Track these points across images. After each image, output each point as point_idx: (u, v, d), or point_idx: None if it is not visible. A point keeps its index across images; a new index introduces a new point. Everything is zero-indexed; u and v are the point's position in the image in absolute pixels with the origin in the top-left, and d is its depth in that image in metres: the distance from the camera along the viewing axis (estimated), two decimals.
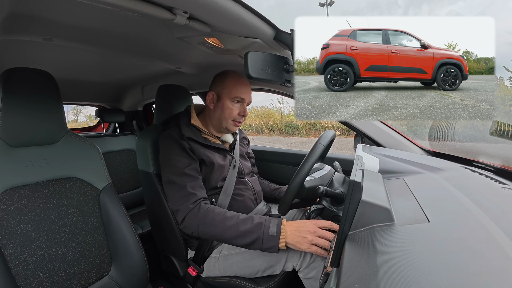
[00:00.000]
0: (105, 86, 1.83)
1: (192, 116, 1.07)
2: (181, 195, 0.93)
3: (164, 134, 1.03)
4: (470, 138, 0.95)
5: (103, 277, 0.90)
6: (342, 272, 0.41)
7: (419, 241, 0.42)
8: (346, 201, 0.52)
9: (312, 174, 0.83)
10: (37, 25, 0.78)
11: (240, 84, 1.03)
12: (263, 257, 0.90)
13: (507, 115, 0.87)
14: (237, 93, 1.02)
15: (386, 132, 1.12)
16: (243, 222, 0.84)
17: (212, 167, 1.02)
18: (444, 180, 0.71)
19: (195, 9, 0.61)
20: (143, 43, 0.98)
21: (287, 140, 8.59)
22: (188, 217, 0.90)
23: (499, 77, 1.47)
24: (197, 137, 1.02)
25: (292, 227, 0.81)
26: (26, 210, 0.78)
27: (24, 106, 0.78)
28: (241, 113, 1.05)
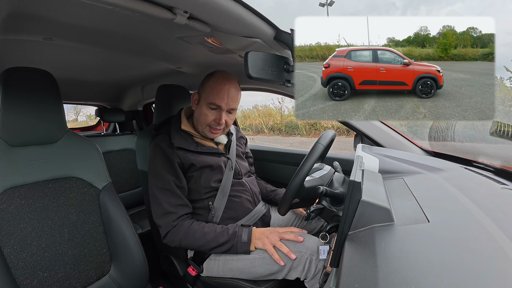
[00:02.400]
0: (105, 85, 1.83)
1: (182, 121, 1.04)
2: (162, 211, 0.94)
3: (154, 143, 1.02)
4: (470, 139, 0.95)
5: (103, 277, 0.90)
6: (341, 272, 0.41)
7: (419, 241, 0.42)
8: (346, 201, 0.52)
9: (312, 174, 0.83)
10: (37, 24, 0.77)
11: (219, 90, 0.95)
12: (265, 266, 0.89)
13: (507, 115, 0.87)
14: (212, 98, 0.96)
15: (386, 132, 1.12)
16: (220, 234, 0.92)
17: (204, 170, 1.00)
18: (444, 180, 0.71)
19: (195, 8, 0.61)
20: (143, 42, 0.98)
21: (287, 140, 8.59)
22: (170, 233, 0.94)
23: (499, 77, 1.47)
24: (188, 144, 1.00)
25: (259, 232, 0.93)
26: (26, 209, 0.78)
27: (24, 105, 0.78)
28: (217, 120, 0.98)
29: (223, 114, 0.98)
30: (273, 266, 0.88)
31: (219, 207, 1.01)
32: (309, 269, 0.85)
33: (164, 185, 0.95)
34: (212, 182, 1.01)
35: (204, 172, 1.01)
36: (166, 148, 0.98)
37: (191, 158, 0.99)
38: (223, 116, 0.98)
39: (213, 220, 1.01)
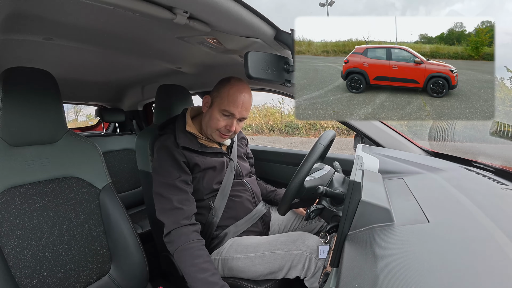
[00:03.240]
0: (105, 85, 1.83)
1: (187, 122, 1.05)
2: (168, 207, 0.91)
3: (159, 142, 1.02)
4: (470, 139, 0.95)
5: (102, 277, 0.90)
6: (341, 272, 0.41)
7: (419, 241, 0.42)
8: (346, 201, 0.52)
9: (312, 174, 0.83)
10: (37, 24, 0.77)
11: (235, 99, 0.95)
12: (265, 264, 0.90)
13: (507, 115, 0.87)
14: (227, 106, 0.95)
15: (386, 132, 1.12)
16: (207, 284, 0.80)
17: (208, 171, 1.01)
18: (444, 180, 0.71)
19: (195, 8, 0.61)
20: (143, 42, 0.98)
21: (287, 140, 8.59)
22: (174, 233, 0.88)
23: (499, 78, 1.47)
24: (193, 145, 1.00)
25: None
26: (26, 209, 0.78)
27: (24, 105, 0.78)
28: (228, 127, 0.98)
29: (235, 122, 0.98)
30: (273, 265, 0.88)
31: (219, 207, 1.02)
32: (309, 267, 0.85)
33: (170, 181, 0.94)
34: (214, 183, 1.02)
35: (207, 173, 1.01)
36: (172, 147, 0.98)
37: (196, 159, 0.99)
38: (234, 124, 0.98)
39: (213, 220, 1.01)
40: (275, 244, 0.91)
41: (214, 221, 1.01)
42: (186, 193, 0.95)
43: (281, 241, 0.92)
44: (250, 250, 0.94)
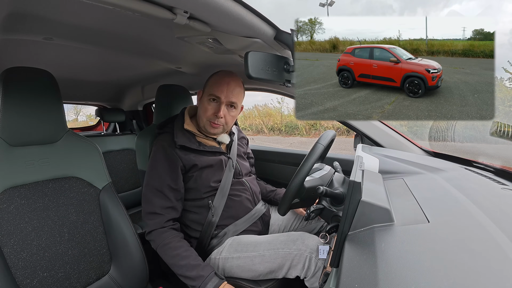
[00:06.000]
0: (105, 85, 1.83)
1: (185, 120, 1.06)
2: (151, 211, 0.95)
3: (157, 141, 1.03)
4: (470, 139, 0.95)
5: (102, 277, 0.90)
6: (341, 272, 0.41)
7: (419, 242, 0.42)
8: (346, 201, 0.52)
9: (312, 174, 0.83)
10: (37, 24, 0.78)
11: (220, 82, 0.98)
12: (265, 264, 0.90)
13: (507, 115, 0.87)
14: (212, 90, 0.98)
15: (386, 132, 1.12)
16: (190, 267, 0.86)
17: (205, 170, 1.01)
18: (444, 180, 0.71)
19: (195, 8, 0.61)
20: (143, 42, 0.98)
21: (287, 140, 8.59)
22: (155, 233, 0.93)
23: (499, 78, 1.47)
24: (191, 143, 1.01)
25: None
26: (26, 209, 0.78)
27: (24, 105, 0.78)
28: (215, 113, 0.99)
29: (222, 107, 0.99)
30: (272, 264, 0.88)
31: (218, 206, 1.02)
32: (309, 267, 0.85)
33: (158, 186, 0.95)
34: (212, 181, 1.02)
35: (205, 171, 1.01)
36: (168, 148, 0.98)
37: (193, 159, 0.99)
38: (222, 109, 0.99)
39: (212, 219, 1.01)
40: (275, 243, 0.91)
41: (213, 221, 1.01)
42: (170, 201, 0.96)
43: (281, 240, 0.92)
44: (250, 249, 0.94)
